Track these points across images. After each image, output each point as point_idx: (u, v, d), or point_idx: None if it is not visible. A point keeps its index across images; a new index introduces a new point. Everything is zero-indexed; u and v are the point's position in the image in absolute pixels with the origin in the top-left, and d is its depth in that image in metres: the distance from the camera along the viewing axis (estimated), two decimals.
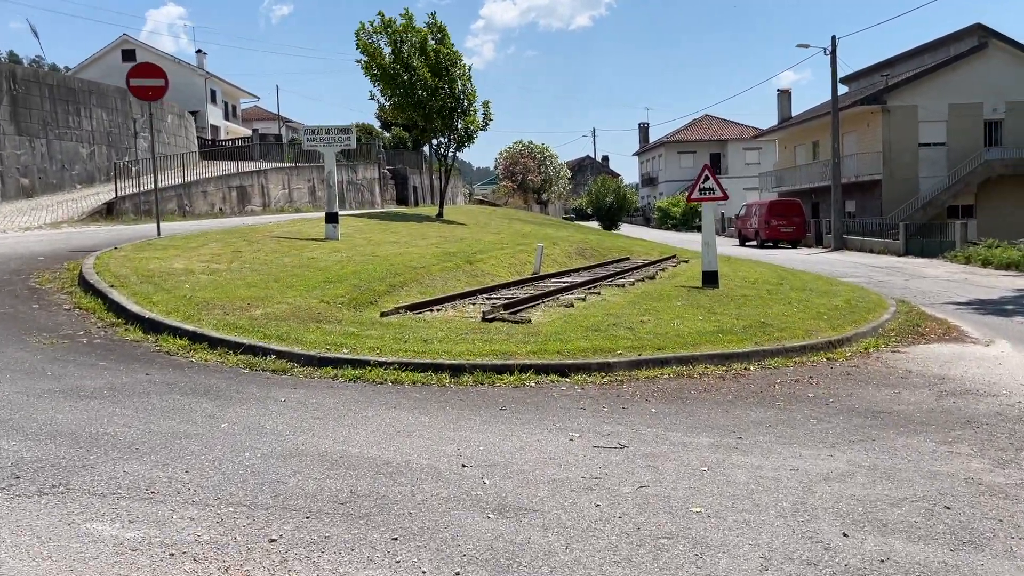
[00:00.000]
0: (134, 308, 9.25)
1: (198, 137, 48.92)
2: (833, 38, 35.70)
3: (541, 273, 17.30)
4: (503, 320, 9.64)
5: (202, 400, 6.38)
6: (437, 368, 7.70)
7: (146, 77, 14.86)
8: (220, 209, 30.88)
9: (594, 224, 51.25)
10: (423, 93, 24.81)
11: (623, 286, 14.25)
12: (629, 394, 7.32)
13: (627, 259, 21.92)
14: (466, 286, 14.34)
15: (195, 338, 8.44)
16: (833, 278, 19.70)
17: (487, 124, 26.17)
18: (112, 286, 10.23)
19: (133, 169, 30.53)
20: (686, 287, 14.04)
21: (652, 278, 16.22)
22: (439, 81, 24.68)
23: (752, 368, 8.80)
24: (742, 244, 41.11)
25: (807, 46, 36.23)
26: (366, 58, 24.86)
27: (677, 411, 6.72)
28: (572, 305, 11.28)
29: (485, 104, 26.31)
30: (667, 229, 61.43)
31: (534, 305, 11.13)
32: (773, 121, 56.16)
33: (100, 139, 31.80)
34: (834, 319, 11.88)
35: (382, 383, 7.37)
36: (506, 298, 12.37)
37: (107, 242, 15.58)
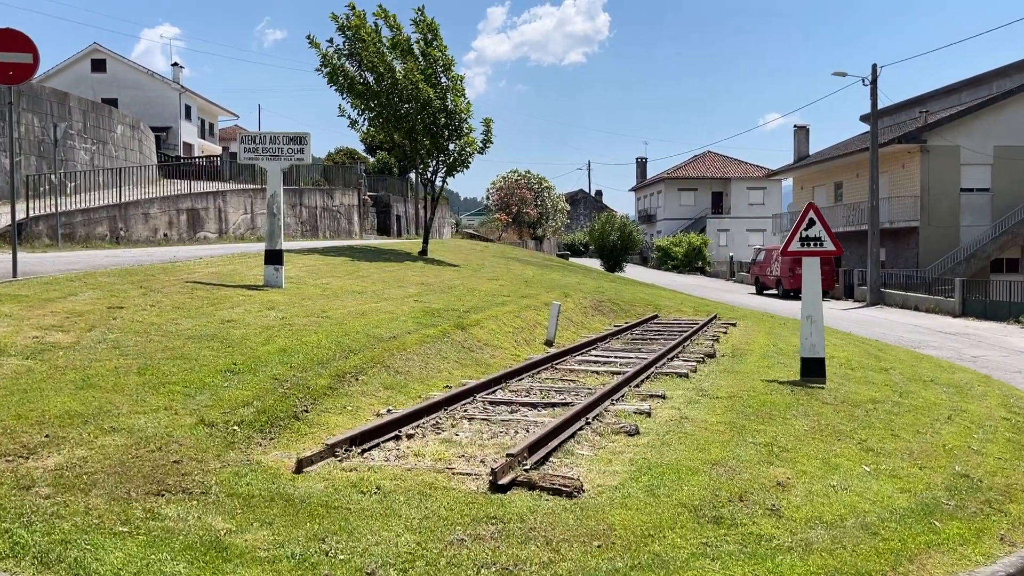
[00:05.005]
0: None
1: (163, 154, 44.25)
2: (874, 67, 31.70)
3: (557, 344, 12.74)
4: (531, 486, 5.04)
5: None
6: None
7: (4, 50, 10.28)
8: (165, 235, 26.15)
9: (591, 262, 46.76)
10: (407, 106, 20.24)
11: (687, 376, 9.70)
12: None
13: (656, 317, 17.42)
14: (455, 368, 9.76)
15: None
16: (932, 357, 15.25)
17: (487, 146, 21.62)
18: None
19: (70, 185, 25.90)
20: (783, 384, 9.50)
21: (712, 356, 11.71)
22: (432, 91, 20.11)
23: None
24: (759, 293, 36.74)
25: (844, 74, 32.08)
26: (328, 70, 20.28)
27: None
28: (637, 431, 6.69)
29: (486, 122, 21.70)
30: (667, 270, 57.04)
31: (575, 434, 6.52)
32: (778, 161, 52.32)
33: (29, 148, 27.03)
34: None
35: None
36: (520, 402, 7.78)
37: None
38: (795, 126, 48.59)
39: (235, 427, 5.99)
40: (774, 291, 35.93)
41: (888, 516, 5.20)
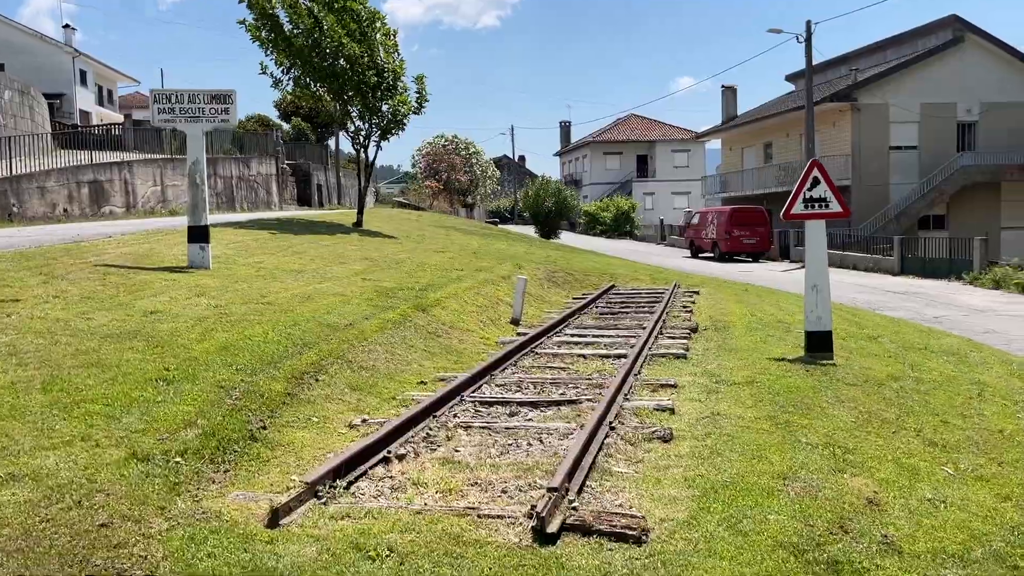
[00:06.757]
0: None
1: (58, 123, 40.76)
2: (808, 23, 31.23)
3: (525, 323, 11.58)
4: (585, 531, 3.88)
5: None
6: None
7: None
8: (65, 211, 23.70)
9: (524, 229, 45.65)
10: (337, 62, 18.51)
11: (685, 357, 8.69)
12: None
13: (614, 287, 16.43)
14: (425, 358, 8.49)
15: None
16: (907, 321, 14.73)
17: (422, 106, 20.07)
18: None
19: None
20: (793, 362, 8.57)
21: (696, 330, 10.74)
22: (357, 47, 18.41)
23: None
24: (695, 256, 36.32)
25: (779, 31, 31.59)
26: (254, 16, 18.32)
27: None
28: (671, 436, 5.61)
29: (419, 79, 20.11)
30: (596, 235, 56.38)
31: (602, 444, 5.37)
32: (701, 123, 52.06)
33: None
34: None
35: None
36: (516, 401, 6.60)
37: None
38: (723, 87, 48.25)
39: (178, 459, 4.62)
40: (710, 254, 35.56)
41: (1013, 539, 4.25)
